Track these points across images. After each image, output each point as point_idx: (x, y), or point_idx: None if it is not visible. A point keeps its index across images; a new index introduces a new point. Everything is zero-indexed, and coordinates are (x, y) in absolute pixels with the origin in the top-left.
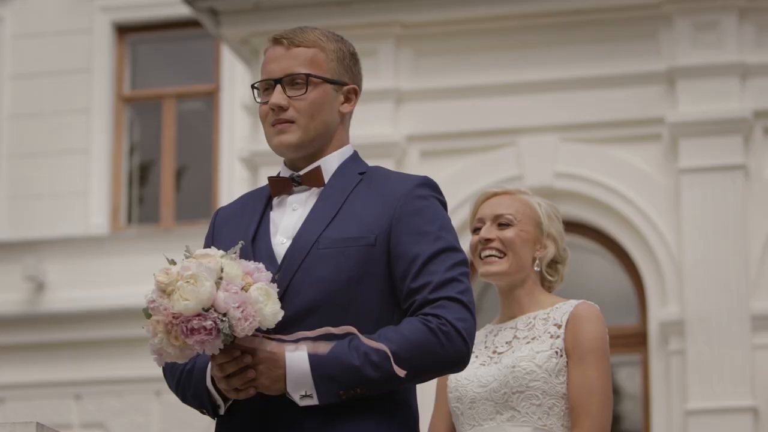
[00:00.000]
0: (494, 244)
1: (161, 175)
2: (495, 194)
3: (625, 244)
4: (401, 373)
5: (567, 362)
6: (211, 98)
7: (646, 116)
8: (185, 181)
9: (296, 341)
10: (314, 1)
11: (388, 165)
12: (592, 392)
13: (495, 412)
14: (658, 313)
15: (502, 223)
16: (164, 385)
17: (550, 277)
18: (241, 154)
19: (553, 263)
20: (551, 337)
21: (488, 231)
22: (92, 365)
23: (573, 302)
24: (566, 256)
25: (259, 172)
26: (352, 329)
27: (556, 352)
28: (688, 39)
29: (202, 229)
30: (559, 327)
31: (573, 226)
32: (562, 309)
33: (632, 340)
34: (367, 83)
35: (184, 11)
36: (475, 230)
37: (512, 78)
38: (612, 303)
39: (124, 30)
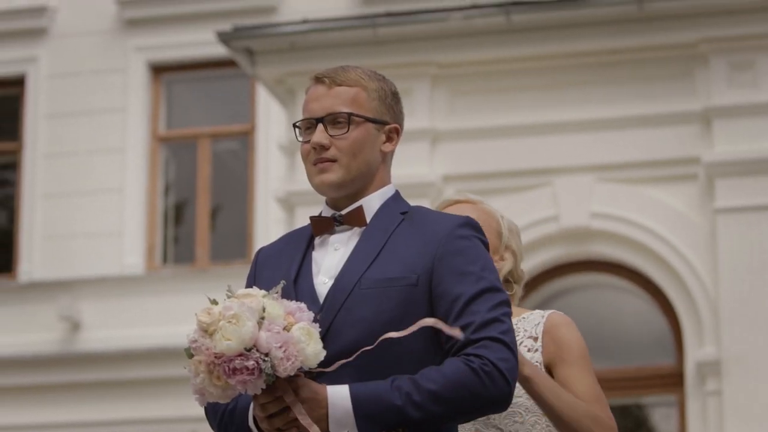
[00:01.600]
0: None
1: (196, 215)
2: (457, 201)
3: (662, 285)
4: (458, 334)
5: (550, 372)
6: (246, 138)
7: (681, 156)
8: (220, 221)
9: (336, 370)
10: (350, 40)
11: (425, 205)
12: (599, 399)
13: (475, 431)
14: (694, 354)
15: None
16: (201, 425)
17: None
18: (277, 194)
19: (507, 281)
20: (529, 351)
21: None
22: (128, 405)
23: (540, 312)
24: (522, 277)
25: (295, 212)
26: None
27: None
28: (724, 78)
29: (238, 269)
30: (536, 340)
31: (609, 266)
32: (531, 319)
33: (669, 381)
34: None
35: (219, 51)
36: None
37: (548, 118)
38: (648, 343)
39: (159, 69)
